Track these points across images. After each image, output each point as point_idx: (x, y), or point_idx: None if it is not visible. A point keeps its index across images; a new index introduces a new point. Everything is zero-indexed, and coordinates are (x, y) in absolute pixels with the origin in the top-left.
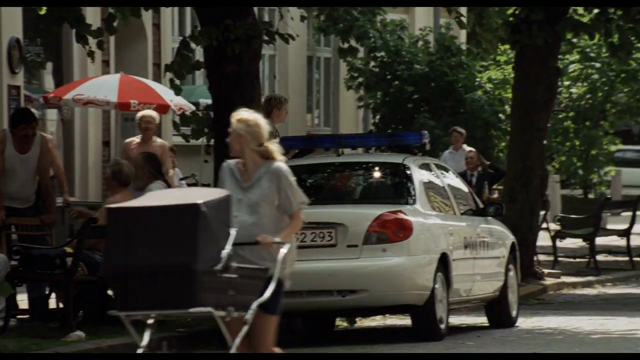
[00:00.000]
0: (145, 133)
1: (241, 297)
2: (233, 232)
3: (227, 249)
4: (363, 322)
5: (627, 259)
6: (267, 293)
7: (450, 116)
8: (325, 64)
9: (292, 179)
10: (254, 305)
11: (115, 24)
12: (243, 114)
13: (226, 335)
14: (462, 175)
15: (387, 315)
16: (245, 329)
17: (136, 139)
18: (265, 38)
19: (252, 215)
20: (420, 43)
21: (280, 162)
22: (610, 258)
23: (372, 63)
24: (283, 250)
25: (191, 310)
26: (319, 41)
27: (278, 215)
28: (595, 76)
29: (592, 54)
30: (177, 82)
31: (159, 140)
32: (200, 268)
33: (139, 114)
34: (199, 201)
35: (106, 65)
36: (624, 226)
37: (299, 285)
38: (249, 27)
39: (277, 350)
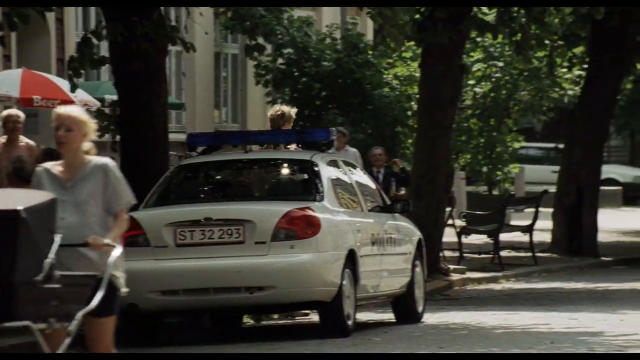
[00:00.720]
0: (11, 133)
1: (65, 306)
2: (57, 238)
3: (50, 258)
4: (277, 319)
5: (529, 254)
6: (95, 301)
7: (358, 113)
8: (233, 61)
9: (120, 175)
10: (79, 315)
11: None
12: (68, 109)
13: (44, 346)
14: (370, 173)
15: (294, 312)
16: (68, 340)
17: (2, 139)
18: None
19: (78, 216)
20: (327, 40)
21: (108, 159)
22: (514, 254)
23: (280, 60)
24: (114, 254)
25: (7, 324)
26: (227, 38)
27: (105, 215)
28: (499, 75)
29: (495, 53)
30: (76, 79)
31: (25, 140)
32: (18, 279)
33: (4, 112)
34: (20, 207)
35: (7, 60)
36: (527, 222)
37: (206, 283)
38: (154, 24)
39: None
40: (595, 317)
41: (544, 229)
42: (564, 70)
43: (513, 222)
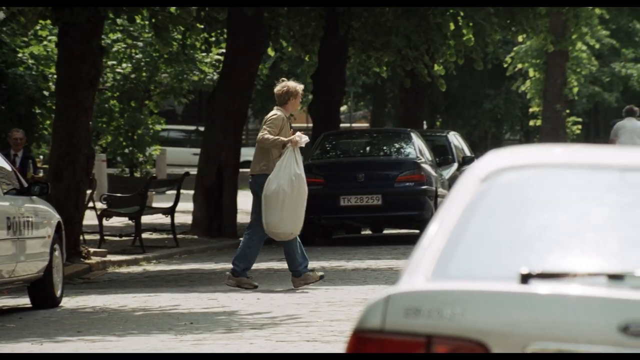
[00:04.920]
0: None
1: None
2: None
3: None
4: None
5: (171, 236)
6: None
7: None
8: None
9: None
10: None
11: None
12: None
13: None
14: (6, 156)
15: None
16: None
17: None
18: None
19: None
20: None
21: None
22: (156, 236)
23: None
24: None
25: None
26: None
27: None
28: (140, 56)
29: (135, 33)
30: None
31: None
32: None
33: None
34: None
35: None
36: (169, 204)
37: None
38: None
39: None
40: (234, 296)
41: (186, 210)
42: (204, 54)
43: (155, 204)
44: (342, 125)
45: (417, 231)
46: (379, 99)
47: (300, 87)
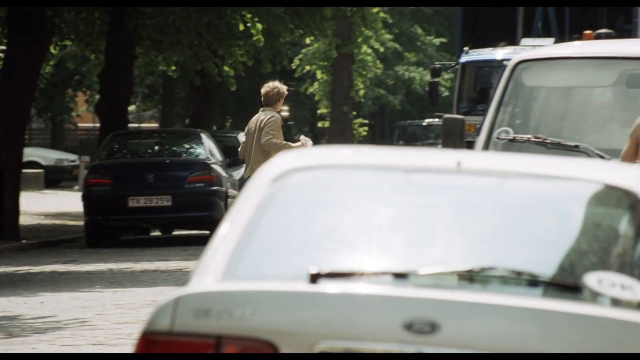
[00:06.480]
0: None
1: None
2: None
3: None
4: None
5: None
6: None
7: None
8: None
9: None
10: None
11: None
12: None
13: None
14: None
15: None
16: None
17: None
18: None
19: None
20: None
21: None
22: None
23: None
24: None
25: None
26: None
27: None
28: None
29: None
30: None
31: None
32: None
33: None
34: None
35: None
36: None
37: None
38: None
39: None
40: (16, 300)
41: None
42: None
43: None
44: (130, 125)
45: (208, 232)
46: (168, 99)
47: (285, 87)
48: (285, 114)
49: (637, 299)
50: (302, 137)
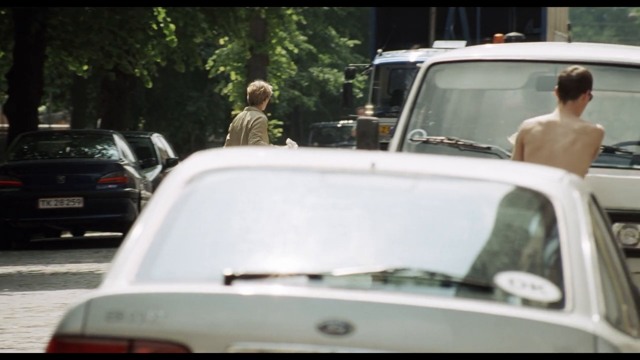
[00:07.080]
0: None
1: None
2: None
3: None
4: None
5: None
6: None
7: None
8: None
9: None
10: None
11: None
12: None
13: None
14: None
15: None
16: None
17: None
18: None
19: None
20: None
21: None
22: None
23: None
24: None
25: None
26: None
27: None
28: None
29: None
30: None
31: None
32: None
33: None
34: None
35: None
36: None
37: None
38: None
39: None
40: None
41: None
42: None
43: None
44: (40, 126)
45: (120, 234)
46: (79, 99)
47: (271, 87)
48: None
49: (547, 299)
50: (288, 140)
